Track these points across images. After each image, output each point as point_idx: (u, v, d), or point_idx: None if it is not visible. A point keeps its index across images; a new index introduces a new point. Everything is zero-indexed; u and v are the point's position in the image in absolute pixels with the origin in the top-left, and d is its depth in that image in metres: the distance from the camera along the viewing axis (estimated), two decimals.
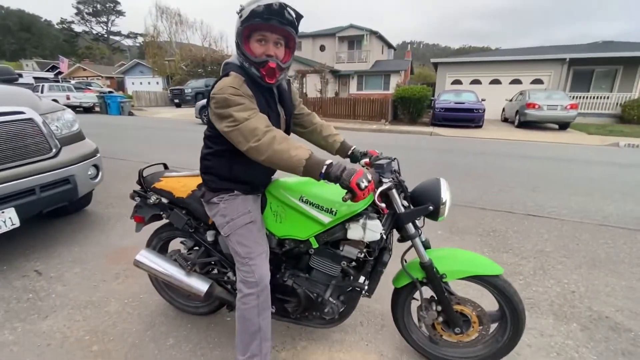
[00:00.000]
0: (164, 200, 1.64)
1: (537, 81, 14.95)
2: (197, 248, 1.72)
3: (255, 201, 1.39)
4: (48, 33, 72.40)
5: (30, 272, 2.26)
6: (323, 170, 1.09)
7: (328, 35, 26.98)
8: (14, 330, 1.72)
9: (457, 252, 1.44)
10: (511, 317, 1.35)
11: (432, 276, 1.33)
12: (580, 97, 13.80)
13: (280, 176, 1.51)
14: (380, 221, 1.29)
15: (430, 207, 1.26)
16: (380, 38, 28.10)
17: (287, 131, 1.46)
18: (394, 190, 1.24)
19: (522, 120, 11.20)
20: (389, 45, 31.38)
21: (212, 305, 1.80)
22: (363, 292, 1.38)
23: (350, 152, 1.60)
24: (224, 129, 1.17)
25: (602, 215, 3.40)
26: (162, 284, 1.89)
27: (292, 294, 1.45)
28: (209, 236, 1.59)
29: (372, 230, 1.25)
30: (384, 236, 1.29)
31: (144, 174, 1.73)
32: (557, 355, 1.61)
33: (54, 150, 2.53)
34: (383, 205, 1.24)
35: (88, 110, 16.62)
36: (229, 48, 26.24)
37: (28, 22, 69.92)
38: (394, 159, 1.44)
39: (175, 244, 1.87)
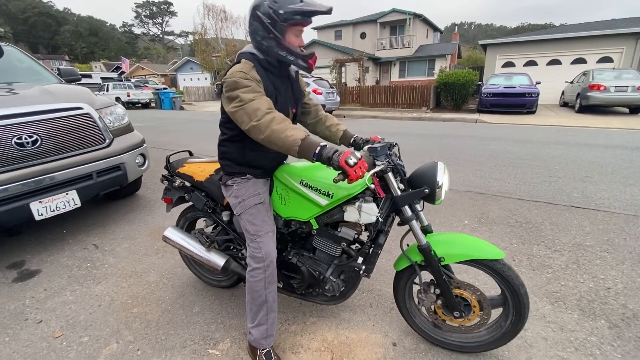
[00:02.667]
0: (187, 183, 1.83)
1: (606, 59, 13.20)
2: (216, 227, 1.89)
3: (265, 184, 1.50)
4: (113, 36, 79.86)
5: (89, 246, 2.64)
6: (317, 151, 1.14)
7: (369, 22, 26.26)
8: (74, 292, 2.06)
9: (457, 237, 1.43)
10: (512, 301, 1.33)
11: (429, 259, 1.34)
12: None
13: (290, 162, 1.60)
14: (377, 205, 1.33)
15: (426, 190, 1.27)
16: (425, 21, 26.69)
17: (296, 115, 1.55)
18: (390, 174, 1.26)
19: (584, 104, 10.03)
20: (435, 29, 29.68)
21: (231, 280, 1.98)
22: (361, 272, 1.44)
23: (352, 140, 1.63)
24: (231, 109, 1.25)
25: None
26: (189, 259, 2.11)
27: (297, 270, 1.56)
28: (225, 216, 1.74)
29: (367, 212, 1.30)
30: (380, 219, 1.33)
31: (171, 160, 1.92)
32: (576, 350, 1.53)
33: (107, 140, 2.88)
34: (373, 187, 1.28)
35: (145, 105, 18.21)
36: None
37: (96, 27, 77.70)
38: (395, 144, 1.47)
39: (200, 224, 2.06)
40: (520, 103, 10.39)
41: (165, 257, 2.45)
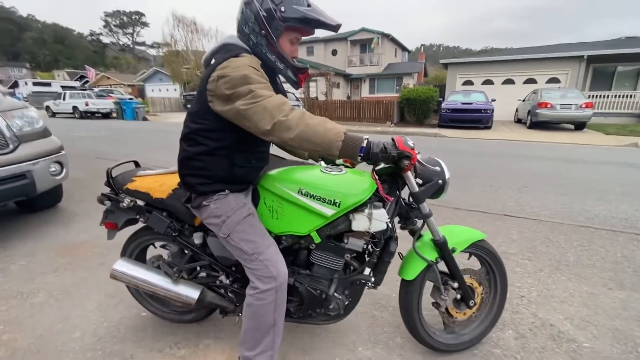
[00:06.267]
0: (140, 202, 1.46)
1: (554, 80, 14.25)
2: (182, 252, 1.54)
3: (247, 194, 1.28)
4: (80, 45, 76.97)
5: None
6: (364, 144, 1.01)
7: (340, 39, 26.98)
8: None
9: (449, 227, 1.45)
10: (498, 271, 1.50)
11: (447, 253, 1.32)
12: (600, 96, 13.03)
13: (269, 169, 1.40)
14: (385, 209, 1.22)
15: (440, 182, 1.23)
16: (393, 41, 27.84)
17: None
18: (408, 172, 1.17)
19: (534, 120, 10.67)
20: (403, 48, 31.02)
21: (201, 312, 1.67)
22: (369, 284, 1.31)
23: None
24: (240, 107, 1.01)
25: (586, 217, 3.13)
26: (143, 294, 1.71)
27: (294, 292, 1.33)
28: (196, 239, 1.42)
29: (379, 219, 1.17)
30: (389, 225, 1.22)
31: (113, 174, 1.52)
32: None
33: (10, 146, 2.60)
34: (382, 190, 1.23)
35: (106, 115, 17.39)
36: None
37: (62, 35, 74.66)
38: None
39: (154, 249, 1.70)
40: (476, 118, 10.88)
41: (63, 275, 2.18)
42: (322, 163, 1.49)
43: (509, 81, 15.08)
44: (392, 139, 1.08)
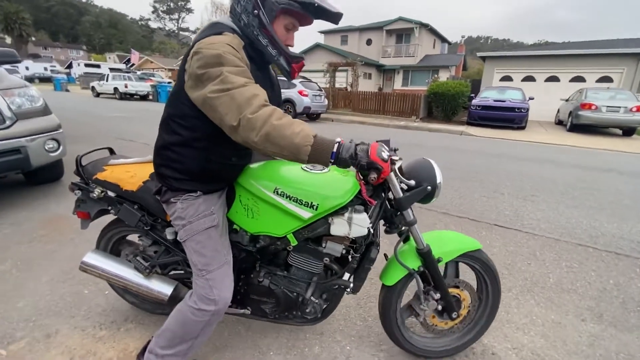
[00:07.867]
0: (111, 193, 1.39)
1: (605, 79, 12.83)
2: (156, 246, 1.48)
3: (219, 197, 1.19)
4: (131, 29, 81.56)
5: None
6: (335, 149, 0.92)
7: (375, 28, 26.17)
8: None
9: (441, 234, 1.40)
10: (492, 287, 1.41)
11: (430, 262, 1.27)
12: None
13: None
14: (367, 213, 1.14)
15: (429, 187, 1.15)
16: (432, 31, 26.48)
17: None
18: (391, 174, 1.10)
19: (575, 122, 9.68)
20: (443, 40, 29.44)
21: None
22: (348, 290, 1.26)
23: None
24: (208, 94, 0.92)
25: (591, 235, 2.78)
26: (122, 289, 1.66)
27: (270, 294, 1.29)
28: (169, 234, 1.34)
29: (359, 224, 1.10)
30: (371, 230, 1.15)
31: (83, 162, 1.44)
32: None
33: (7, 122, 2.78)
34: (368, 193, 1.15)
35: (144, 97, 18.33)
36: None
37: (116, 20, 79.47)
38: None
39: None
40: (508, 117, 10.10)
41: (36, 246, 2.32)
42: None
43: (553, 78, 13.78)
44: (368, 144, 0.98)
